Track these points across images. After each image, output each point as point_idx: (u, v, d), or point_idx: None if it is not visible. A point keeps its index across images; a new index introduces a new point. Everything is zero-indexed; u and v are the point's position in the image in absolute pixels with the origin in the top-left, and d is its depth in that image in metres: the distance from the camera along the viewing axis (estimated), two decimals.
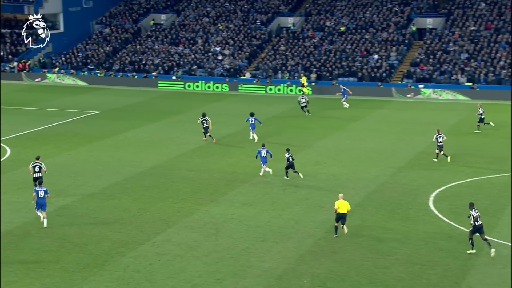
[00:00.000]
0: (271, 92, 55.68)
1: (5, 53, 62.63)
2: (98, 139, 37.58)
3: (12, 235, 22.79)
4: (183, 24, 67.38)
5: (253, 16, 66.81)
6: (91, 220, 24.55)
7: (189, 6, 70.23)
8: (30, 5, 63.26)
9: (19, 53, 62.99)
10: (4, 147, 35.19)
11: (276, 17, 66.47)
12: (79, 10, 68.19)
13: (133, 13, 70.73)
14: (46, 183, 28.88)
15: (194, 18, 68.06)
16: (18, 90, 55.27)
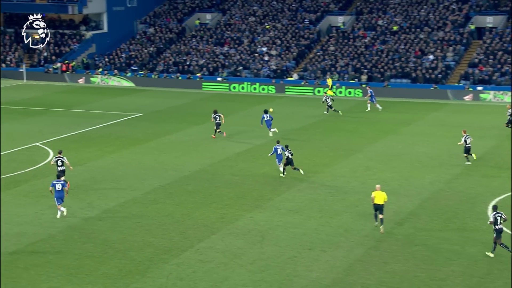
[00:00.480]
0: (319, 94, 55.44)
1: (49, 54, 64.13)
2: (141, 142, 38.09)
3: (54, 240, 23.28)
4: (228, 24, 67.80)
5: (301, 15, 66.73)
6: (134, 225, 24.88)
7: (235, 5, 70.62)
8: (74, 5, 64.64)
9: (63, 54, 64.39)
10: (47, 149, 36.01)
11: (325, 16, 66.24)
12: (123, 10, 69.33)
13: (177, 12, 71.54)
14: (89, 186, 29.46)
15: (240, 18, 68.40)
16: (61, 91, 56.51)
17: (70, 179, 30.50)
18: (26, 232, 23.80)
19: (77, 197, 28.06)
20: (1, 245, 22.66)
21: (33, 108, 48.21)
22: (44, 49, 64.59)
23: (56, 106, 49.11)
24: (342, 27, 64.22)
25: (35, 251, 22.29)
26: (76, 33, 66.99)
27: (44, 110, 47.71)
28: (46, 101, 50.94)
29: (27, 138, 38.50)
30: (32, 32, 67.19)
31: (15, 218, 25.21)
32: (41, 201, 27.39)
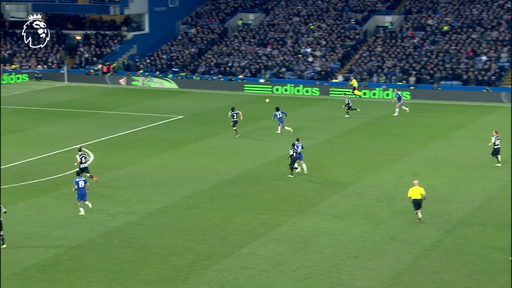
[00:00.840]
0: (365, 96, 55.06)
1: (90, 55, 65.23)
2: (182, 145, 38.41)
3: (94, 244, 23.64)
4: (272, 24, 67.92)
5: (347, 14, 66.43)
6: (174, 230, 25.09)
7: (279, 5, 70.72)
8: (115, 6, 65.61)
9: (104, 55, 65.41)
10: (87, 152, 36.61)
11: (372, 15, 65.81)
12: (164, 10, 70.10)
13: (220, 12, 72.00)
14: (129, 190, 29.85)
15: (283, 18, 68.46)
16: (102, 93, 57.38)
17: (111, 183, 30.96)
18: (67, 236, 24.22)
19: (117, 201, 28.46)
20: (42, 248, 23.11)
21: (73, 110, 49.10)
22: (85, 50, 65.72)
23: (97, 108, 49.90)
24: (390, 27, 63.67)
25: (76, 255, 22.67)
26: (117, 34, 68.00)
27: (84, 112, 48.53)
28: (86, 103, 51.82)
29: (68, 140, 39.22)
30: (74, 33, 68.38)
31: (55, 222, 25.70)
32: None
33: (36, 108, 49.51)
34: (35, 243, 23.46)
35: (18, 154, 35.51)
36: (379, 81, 56.73)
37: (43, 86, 60.27)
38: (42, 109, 49.45)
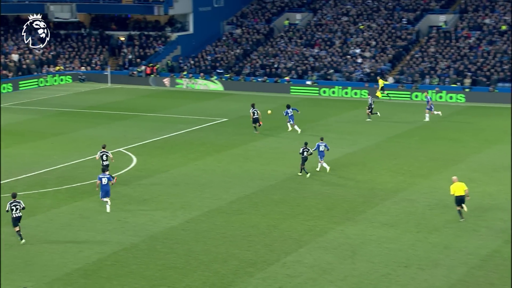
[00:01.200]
0: (417, 99, 54.45)
1: (134, 57, 66.10)
2: (226, 149, 38.58)
3: (137, 249, 23.92)
4: (319, 24, 67.75)
5: (399, 14, 65.82)
6: (218, 236, 25.21)
7: (327, 4, 70.52)
8: (160, 6, 66.31)
9: (147, 56, 66.19)
10: (130, 155, 37.10)
11: (425, 15, 65.05)
12: (209, 10, 70.55)
13: (266, 12, 72.15)
14: (172, 194, 30.14)
15: (332, 17, 68.22)
16: (145, 95, 58.02)
17: (154, 187, 31.32)
18: (109, 241, 24.57)
19: (160, 205, 28.74)
20: (85, 253, 23.49)
21: (117, 113, 49.80)
22: (129, 52, 66.60)
23: (140, 111, 50.51)
24: (444, 26, 62.82)
25: (118, 260, 22.97)
26: (161, 34, 68.74)
27: (128, 114, 49.18)
28: (130, 105, 52.50)
29: (111, 143, 39.69)
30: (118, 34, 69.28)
31: (98, 226, 26.10)
32: (124, 208, 28.22)
33: (80, 110, 50.40)
34: (78, 248, 23.86)
35: (61, 157, 36.19)
36: (431, 83, 56.01)
37: (86, 88, 61.33)
38: (85, 111, 50.31)
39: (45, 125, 45.29)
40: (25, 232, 25.05)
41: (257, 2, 74.30)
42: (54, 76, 62.96)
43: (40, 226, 25.93)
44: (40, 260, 22.78)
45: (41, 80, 61.59)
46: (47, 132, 42.72)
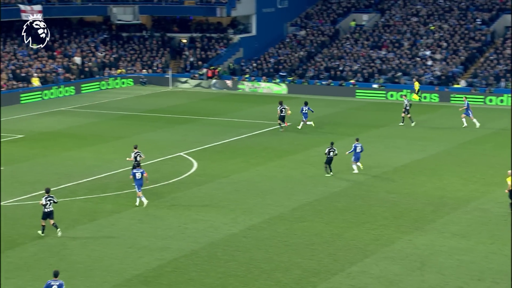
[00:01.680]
0: (491, 103, 53.31)
1: (195, 59, 66.84)
2: (289, 154, 38.58)
3: (197, 256, 24.15)
4: (387, 25, 67.11)
5: (473, 14, 64.60)
6: (280, 244, 25.22)
7: (396, 5, 69.80)
8: (222, 7, 66.83)
9: (209, 59, 66.82)
10: (190, 160, 37.52)
11: (501, 14, 63.67)
12: (273, 11, 70.69)
13: (331, 13, 71.90)
14: (233, 200, 30.32)
15: (400, 18, 67.47)
16: (206, 98, 58.52)
17: (213, 192, 31.59)
18: (169, 247, 24.88)
19: (221, 211, 28.96)
20: (145, 259, 23.86)
21: (177, 116, 50.43)
22: (190, 54, 67.39)
23: (201, 114, 50.99)
24: None
25: (178, 267, 23.24)
26: (223, 36, 69.31)
27: (189, 118, 49.72)
28: (191, 108, 53.05)
29: (171, 147, 40.33)
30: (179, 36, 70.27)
31: (158, 232, 26.48)
32: (184, 214, 28.56)
33: (141, 114, 51.25)
34: (138, 254, 24.25)
35: (122, 161, 36.83)
36: (507, 87, 54.73)
37: (147, 91, 62.34)
38: (146, 114, 51.13)
39: (106, 128, 46.25)
40: (86, 236, 25.64)
41: (322, 2, 74.10)
42: (116, 79, 64.25)
43: (100, 231, 26.48)
44: (100, 265, 23.25)
45: (103, 83, 62.97)
46: (108, 136, 43.62)
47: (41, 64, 60.21)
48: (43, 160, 37.26)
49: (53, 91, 58.05)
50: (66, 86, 59.34)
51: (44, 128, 45.53)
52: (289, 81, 62.02)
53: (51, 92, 57.92)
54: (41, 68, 59.47)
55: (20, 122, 47.60)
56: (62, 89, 58.89)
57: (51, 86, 58.10)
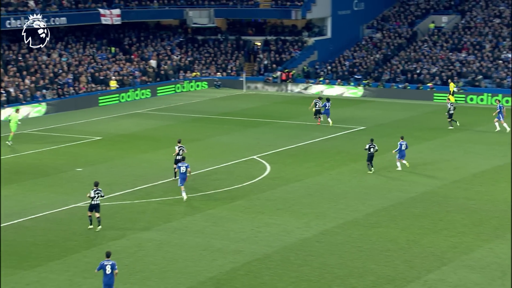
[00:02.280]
0: None
1: (269, 62, 67.06)
2: (363, 158, 38.08)
3: (270, 260, 24.19)
4: (468, 27, 65.69)
5: None
6: (354, 250, 25.01)
7: (477, 6, 68.29)
8: (297, 10, 66.85)
9: (283, 62, 66.93)
10: (264, 163, 37.64)
11: None
12: (348, 14, 70.26)
13: (409, 15, 70.91)
14: (306, 204, 30.26)
15: (482, 19, 65.95)
16: (280, 101, 58.62)
17: (288, 196, 31.61)
18: (243, 250, 25.02)
19: (294, 215, 28.93)
20: (218, 262, 24.05)
21: (251, 119, 50.69)
22: (264, 57, 67.66)
23: (275, 117, 51.10)
24: None
25: (251, 271, 23.33)
26: (298, 39, 69.31)
27: (262, 121, 49.91)
28: (264, 111, 53.24)
29: (245, 150, 40.56)
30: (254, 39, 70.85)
31: (231, 235, 26.66)
32: (257, 217, 28.67)
33: (214, 117, 51.77)
34: (212, 256, 24.48)
35: (196, 163, 37.28)
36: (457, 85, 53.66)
37: (221, 94, 62.93)
38: (220, 117, 51.61)
39: (181, 131, 46.90)
40: (161, 238, 26.08)
41: (400, 4, 73.16)
42: (191, 82, 65.10)
43: (174, 233, 26.87)
44: (175, 267, 23.58)
45: (178, 86, 63.91)
46: (183, 138, 43.98)
47: (119, 67, 61.61)
48: (120, 162, 38.11)
49: (130, 93, 59.32)
50: (143, 89, 60.52)
51: (121, 130, 46.57)
52: (364, 84, 61.48)
53: (128, 94, 59.19)
54: (118, 71, 60.87)
55: (98, 124, 48.83)
56: (139, 91, 60.11)
57: (128, 89, 59.38)
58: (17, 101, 50.99)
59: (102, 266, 20.26)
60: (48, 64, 56.93)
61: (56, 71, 56.34)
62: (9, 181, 33.76)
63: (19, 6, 56.11)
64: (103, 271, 20.22)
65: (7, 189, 32.41)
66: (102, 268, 20.25)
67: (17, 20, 54.01)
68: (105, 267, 20.18)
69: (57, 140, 43.07)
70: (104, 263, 20.27)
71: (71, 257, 24.09)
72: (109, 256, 20.53)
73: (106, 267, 20.17)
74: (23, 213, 28.83)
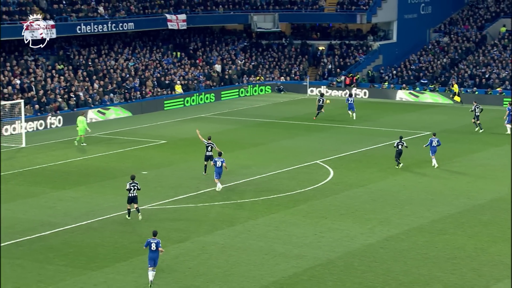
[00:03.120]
0: None
1: (333, 67, 66.78)
2: (429, 164, 37.52)
3: (333, 265, 24.03)
4: None
5: None
6: (419, 257, 24.64)
7: None
8: (363, 14, 66.37)
9: (348, 66, 66.53)
10: (327, 168, 37.48)
11: None
12: (415, 17, 69.40)
13: (478, 18, 69.56)
14: (370, 210, 29.98)
15: None
16: (343, 106, 58.20)
17: (349, 201, 31.39)
18: (305, 255, 24.93)
19: (357, 221, 28.70)
20: (281, 266, 24.04)
21: (314, 124, 50.54)
22: (329, 61, 67.42)
23: (338, 122, 50.83)
24: None
25: (314, 276, 23.23)
26: (362, 43, 68.82)
27: (325, 126, 49.69)
28: (328, 116, 52.94)
29: (308, 155, 40.46)
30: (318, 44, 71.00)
31: (294, 239, 26.62)
32: (320, 222, 28.55)
33: (278, 121, 51.82)
34: (274, 260, 24.49)
35: (259, 168, 37.43)
36: None
37: (285, 98, 62.97)
38: (283, 121, 51.64)
39: (244, 135, 47.15)
40: (224, 242, 26.26)
41: (468, 8, 71.81)
42: (254, 86, 65.37)
43: (238, 236, 26.99)
44: (238, 270, 23.68)
45: (241, 90, 64.27)
46: (246, 143, 44.44)
47: (184, 71, 62.36)
48: (184, 165, 38.54)
49: (194, 98, 59.96)
50: (207, 93, 61.09)
51: (185, 134, 47.09)
52: (430, 89, 60.57)
53: (193, 99, 59.83)
54: (184, 76, 61.61)
55: (163, 128, 49.53)
56: (203, 96, 60.69)
57: (193, 93, 60.03)
58: (86, 105, 52.19)
59: (149, 243, 22.56)
60: (116, 68, 58.08)
61: (123, 76, 57.42)
62: (78, 183, 34.56)
63: (89, 12, 57.45)
64: (149, 248, 22.46)
65: (76, 191, 33.19)
66: (148, 244, 22.54)
67: (87, 26, 55.28)
68: (151, 244, 22.48)
69: (123, 144, 43.89)
70: (150, 241, 22.54)
71: (136, 259, 24.46)
72: (155, 235, 22.82)
73: (151, 244, 22.48)
74: (91, 215, 29.45)
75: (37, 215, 29.47)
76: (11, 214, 29.58)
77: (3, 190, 33.17)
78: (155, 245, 22.44)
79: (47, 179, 35.42)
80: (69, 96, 51.95)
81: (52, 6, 55.22)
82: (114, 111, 53.60)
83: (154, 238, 22.60)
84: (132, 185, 28.49)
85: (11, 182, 34.76)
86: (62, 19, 54.15)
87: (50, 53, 56.64)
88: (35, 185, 34.27)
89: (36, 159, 39.86)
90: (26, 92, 50.08)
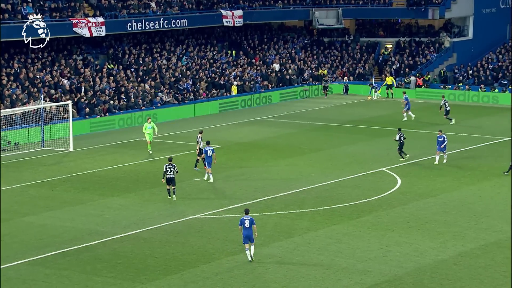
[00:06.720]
0: None
1: (403, 66, 66.13)
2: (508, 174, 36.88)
3: (401, 282, 23.75)
4: None
5: None
6: (497, 275, 24.12)
7: None
8: (435, 9, 65.53)
9: (417, 65, 65.80)
10: (394, 176, 37.11)
11: None
12: (494, 12, 68.25)
13: None
14: (442, 223, 29.46)
15: None
16: (413, 109, 57.52)
17: (419, 212, 30.99)
18: (371, 270, 24.72)
19: (428, 234, 28.35)
20: (343, 282, 23.89)
21: (380, 128, 50.10)
22: (396, 60, 66.79)
23: (407, 126, 50.15)
24: None
25: None
26: (434, 41, 67.99)
27: (392, 130, 49.03)
28: (394, 119, 52.40)
29: (373, 162, 40.15)
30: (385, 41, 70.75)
31: (358, 253, 26.43)
32: (387, 235, 28.28)
33: (340, 125, 51.58)
34: (336, 276, 24.34)
35: (320, 175, 37.32)
36: None
37: (348, 100, 62.65)
38: (346, 125, 51.37)
39: (304, 140, 47.06)
40: (281, 254, 26.25)
41: None
42: (314, 85, 65.22)
43: (297, 249, 26.94)
44: (297, 286, 23.57)
45: (302, 91, 64.22)
46: (305, 148, 44.35)
47: (240, 71, 62.61)
48: (238, 171, 38.70)
49: (250, 99, 60.18)
50: (264, 94, 61.21)
51: (241, 139, 47.30)
52: (510, 90, 59.40)
53: (249, 100, 60.07)
54: (240, 76, 61.88)
55: (217, 131, 49.79)
56: (260, 97, 60.86)
57: (249, 94, 60.27)
58: (136, 107, 52.91)
59: (242, 221, 24.77)
60: (168, 68, 58.67)
61: (176, 75, 57.95)
62: (127, 190, 35.06)
63: (140, 8, 58.24)
64: (243, 226, 24.60)
65: (125, 198, 33.68)
66: (242, 223, 24.71)
67: (138, 23, 56.00)
68: (244, 221, 24.62)
69: (175, 148, 44.32)
70: (244, 218, 24.79)
71: (188, 271, 24.65)
72: (247, 212, 25.13)
73: (245, 221, 24.62)
74: (140, 224, 29.82)
75: (84, 224, 30.00)
76: (58, 222, 30.20)
77: (50, 196, 33.91)
78: (248, 222, 24.45)
79: (95, 185, 36.04)
80: (119, 98, 52.75)
81: (101, 2, 56.21)
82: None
83: (247, 215, 24.79)
84: (169, 167, 31.93)
85: (58, 188, 35.50)
86: (112, 15, 55.04)
87: (100, 52, 57.64)
88: (82, 191, 34.90)
89: (84, 164, 40.61)
90: (74, 93, 51.03)
